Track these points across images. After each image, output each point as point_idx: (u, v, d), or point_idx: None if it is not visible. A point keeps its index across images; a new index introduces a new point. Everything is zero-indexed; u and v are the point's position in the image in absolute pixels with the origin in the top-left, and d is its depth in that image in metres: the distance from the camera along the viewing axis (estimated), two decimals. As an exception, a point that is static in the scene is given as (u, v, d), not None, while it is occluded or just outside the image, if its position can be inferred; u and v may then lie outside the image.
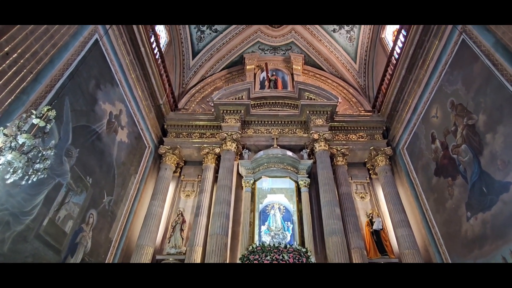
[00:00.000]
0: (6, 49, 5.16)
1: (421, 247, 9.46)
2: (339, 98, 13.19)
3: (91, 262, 7.95)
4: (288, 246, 8.38)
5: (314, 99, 12.65)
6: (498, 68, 6.68)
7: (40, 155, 4.31)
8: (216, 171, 11.46)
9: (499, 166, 6.64)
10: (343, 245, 8.83)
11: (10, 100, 5.26)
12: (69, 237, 7.14)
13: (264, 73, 15.35)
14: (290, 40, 15.85)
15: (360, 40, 14.74)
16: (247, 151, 12.02)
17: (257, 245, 8.55)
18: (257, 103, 13.58)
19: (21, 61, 5.47)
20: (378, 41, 14.05)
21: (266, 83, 14.96)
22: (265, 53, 16.32)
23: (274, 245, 8.43)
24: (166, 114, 12.59)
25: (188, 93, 15.15)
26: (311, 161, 11.29)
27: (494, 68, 6.76)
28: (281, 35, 15.73)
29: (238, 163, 11.60)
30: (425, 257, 9.32)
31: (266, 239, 9.91)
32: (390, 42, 12.92)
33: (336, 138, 12.26)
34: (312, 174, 11.25)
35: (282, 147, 11.86)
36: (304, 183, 10.76)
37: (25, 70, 5.55)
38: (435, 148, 9.25)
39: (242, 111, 12.32)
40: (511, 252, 6.24)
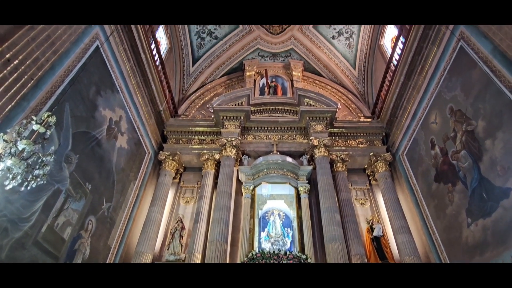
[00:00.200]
0: (7, 56, 5.19)
1: (421, 254, 9.39)
2: (339, 104, 13.25)
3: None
4: (288, 253, 8.32)
5: (313, 105, 12.69)
6: (496, 75, 6.71)
7: (39, 161, 4.30)
8: (216, 177, 11.42)
9: (499, 172, 6.64)
10: (343, 252, 8.77)
11: (10, 106, 5.27)
12: (67, 244, 7.09)
13: (264, 80, 15.43)
14: (289, 47, 15.96)
15: (359, 46, 14.86)
16: (246, 157, 12.01)
17: (257, 251, 8.49)
18: (257, 109, 13.62)
19: (22, 67, 5.49)
20: (376, 48, 14.17)
21: (266, 89, 15.03)
22: (265, 60, 16.42)
23: (274, 251, 8.37)
24: (166, 120, 12.61)
25: (188, 99, 15.21)
26: (310, 167, 11.27)
27: (493, 75, 6.80)
28: (281, 42, 15.84)
29: (237, 169, 11.58)
30: (426, 264, 9.25)
31: (266, 245, 9.84)
32: (388, 48, 13.01)
33: (336, 144, 12.27)
34: (312, 180, 11.23)
35: (282, 153, 11.86)
36: (304, 189, 10.74)
37: (26, 77, 5.57)
38: (434, 154, 9.25)
39: (242, 117, 12.35)
40: (512, 258, 6.20)
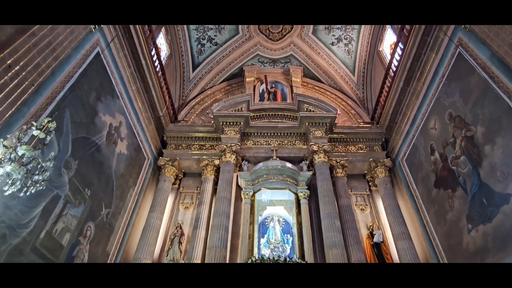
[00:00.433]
0: (8, 62, 5.21)
1: (422, 260, 9.33)
2: (338, 110, 13.29)
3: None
4: (287, 259, 8.30)
5: (313, 111, 12.73)
6: (494, 81, 6.75)
7: (39, 166, 4.30)
8: (215, 183, 11.39)
9: (498, 178, 6.63)
10: (343, 258, 8.70)
11: (10, 112, 5.28)
12: (66, 250, 7.04)
13: (264, 85, 15.50)
14: (289, 53, 16.07)
15: (358, 53, 14.97)
16: (246, 162, 12.00)
17: (256, 258, 8.46)
18: (257, 115, 13.65)
19: (23, 73, 5.51)
20: (376, 54, 14.28)
21: (266, 95, 15.08)
22: (265, 66, 16.51)
23: (273, 258, 8.35)
24: (165, 126, 12.63)
25: (188, 105, 15.26)
26: (310, 173, 11.25)
27: (491, 81, 6.83)
28: (280, 48, 15.94)
29: (237, 175, 11.56)
30: (427, 270, 9.18)
31: (266, 252, 9.78)
32: (387, 55, 13.11)
33: (336, 149, 12.27)
34: (311, 186, 11.19)
35: (282, 158, 11.85)
36: (304, 195, 10.70)
37: (26, 82, 5.58)
38: (434, 160, 9.25)
39: (242, 123, 12.37)
40: (513, 265, 6.17)
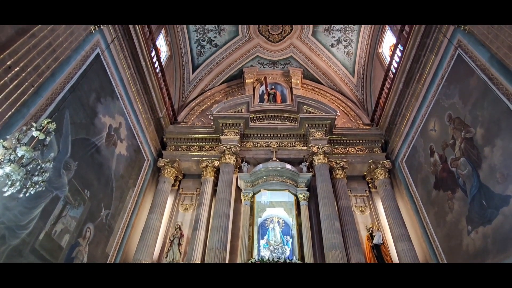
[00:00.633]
0: (8, 63, 5.21)
1: (422, 262, 9.30)
2: (338, 111, 13.31)
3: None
4: (287, 261, 8.28)
5: (313, 113, 12.74)
6: (494, 82, 6.76)
7: (38, 167, 4.29)
8: (215, 184, 11.37)
9: (498, 179, 6.64)
10: (343, 260, 8.67)
11: (10, 113, 5.28)
12: (65, 251, 7.03)
13: (263, 87, 15.51)
14: (289, 55, 16.09)
15: (358, 54, 14.99)
16: (246, 164, 12.00)
17: (256, 259, 8.45)
18: (256, 117, 13.66)
19: (23, 74, 5.51)
20: (375, 56, 14.30)
21: (265, 96, 15.09)
22: (264, 67, 16.53)
23: (273, 260, 8.34)
24: (165, 127, 12.63)
25: (188, 106, 15.26)
26: (310, 174, 11.25)
27: (490, 82, 6.85)
28: (280, 50, 15.96)
29: (237, 176, 11.55)
30: (427, 272, 9.15)
31: (265, 253, 9.77)
32: (387, 56, 13.13)
33: (335, 151, 12.27)
34: (311, 188, 11.18)
35: (281, 160, 11.85)
36: (304, 196, 10.69)
37: (26, 83, 5.58)
38: (434, 161, 9.26)
39: (241, 124, 12.37)
40: (513, 266, 6.15)
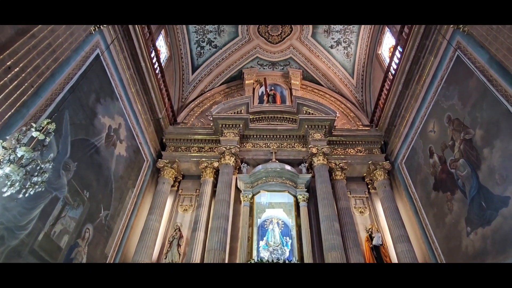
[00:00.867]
0: (8, 63, 5.21)
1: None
2: (337, 112, 13.31)
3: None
4: (287, 262, 8.27)
5: (312, 114, 12.74)
6: (493, 84, 6.78)
7: (38, 168, 4.28)
8: (214, 185, 11.37)
9: (497, 181, 6.65)
10: (342, 261, 8.67)
11: (10, 113, 5.27)
12: (64, 252, 7.01)
13: (263, 88, 15.52)
14: (288, 56, 16.10)
15: (357, 56, 15.02)
16: (245, 165, 11.99)
17: (255, 260, 8.44)
18: (256, 118, 13.66)
19: (23, 75, 5.50)
20: (374, 57, 14.32)
21: (265, 97, 15.11)
22: (264, 68, 16.54)
23: (272, 261, 8.32)
24: (165, 128, 12.62)
25: (187, 107, 15.26)
26: (309, 176, 11.24)
27: (489, 84, 6.86)
28: (280, 51, 15.98)
29: (236, 177, 11.55)
30: (426, 273, 9.15)
31: (265, 254, 9.75)
32: (386, 58, 13.15)
33: (335, 152, 12.27)
34: (310, 189, 11.19)
35: (281, 161, 11.85)
36: (303, 197, 10.69)
37: (26, 84, 5.58)
38: (433, 163, 9.27)
39: (241, 125, 12.37)
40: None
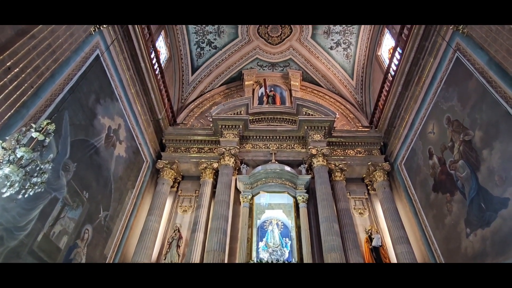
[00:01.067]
0: (8, 64, 5.21)
1: (421, 264, 9.33)
2: (337, 113, 13.31)
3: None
4: (286, 263, 8.26)
5: (312, 115, 12.75)
6: (492, 85, 6.79)
7: (37, 168, 4.28)
8: (214, 186, 11.37)
9: (496, 182, 6.66)
10: (342, 262, 8.68)
11: (10, 114, 5.27)
12: (63, 253, 7.00)
13: (263, 89, 15.53)
14: (288, 57, 16.13)
15: (357, 57, 15.04)
16: (245, 166, 12.00)
17: (255, 261, 8.42)
18: (256, 119, 13.67)
19: (23, 75, 5.50)
20: (374, 59, 14.35)
21: (265, 98, 15.11)
22: (264, 70, 16.56)
23: (272, 262, 8.31)
24: (164, 129, 12.62)
25: (187, 108, 15.26)
26: (309, 177, 11.24)
27: (489, 85, 6.88)
28: (279, 52, 16.00)
29: (236, 178, 11.55)
30: (426, 274, 9.15)
31: (264, 255, 9.75)
32: (386, 59, 13.18)
33: (334, 153, 12.28)
34: (310, 190, 11.19)
35: (280, 162, 11.85)
36: (302, 198, 10.69)
37: (26, 85, 5.58)
38: (432, 164, 9.27)
39: (241, 126, 12.38)
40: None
